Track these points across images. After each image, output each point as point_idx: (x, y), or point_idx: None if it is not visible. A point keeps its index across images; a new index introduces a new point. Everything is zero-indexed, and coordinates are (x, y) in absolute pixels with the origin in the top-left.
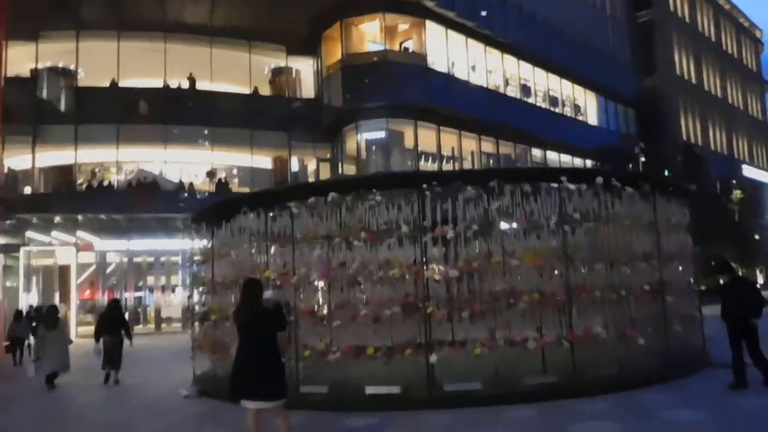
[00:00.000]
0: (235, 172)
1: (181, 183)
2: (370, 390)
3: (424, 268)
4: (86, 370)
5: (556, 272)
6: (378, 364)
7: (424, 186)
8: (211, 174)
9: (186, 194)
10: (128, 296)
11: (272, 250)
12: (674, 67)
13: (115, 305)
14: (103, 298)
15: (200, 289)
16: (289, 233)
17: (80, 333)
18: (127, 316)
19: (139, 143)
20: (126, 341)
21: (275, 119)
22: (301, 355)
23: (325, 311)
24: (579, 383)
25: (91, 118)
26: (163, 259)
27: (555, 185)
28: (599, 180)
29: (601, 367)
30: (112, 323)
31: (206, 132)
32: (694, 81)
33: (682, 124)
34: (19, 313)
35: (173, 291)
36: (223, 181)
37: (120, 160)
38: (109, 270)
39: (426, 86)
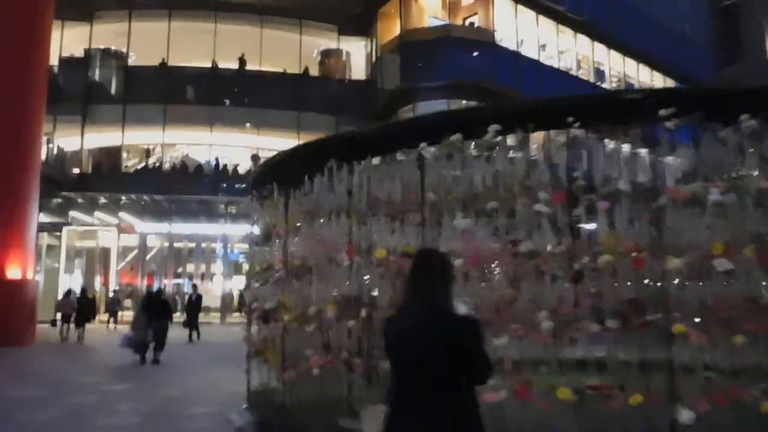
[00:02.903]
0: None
1: (225, 167)
2: None
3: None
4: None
5: None
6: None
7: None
8: (255, 158)
9: (229, 178)
10: (167, 283)
11: (379, 218)
12: (764, 56)
13: (160, 292)
14: (142, 284)
15: (260, 276)
16: (413, 193)
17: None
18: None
19: (186, 125)
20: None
21: (324, 102)
22: None
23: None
24: None
25: (139, 98)
26: (204, 245)
27: None
28: None
29: None
30: (161, 308)
31: (253, 114)
32: None
33: None
34: (68, 291)
35: (212, 279)
36: None
37: (166, 142)
38: (149, 255)
39: (492, 65)
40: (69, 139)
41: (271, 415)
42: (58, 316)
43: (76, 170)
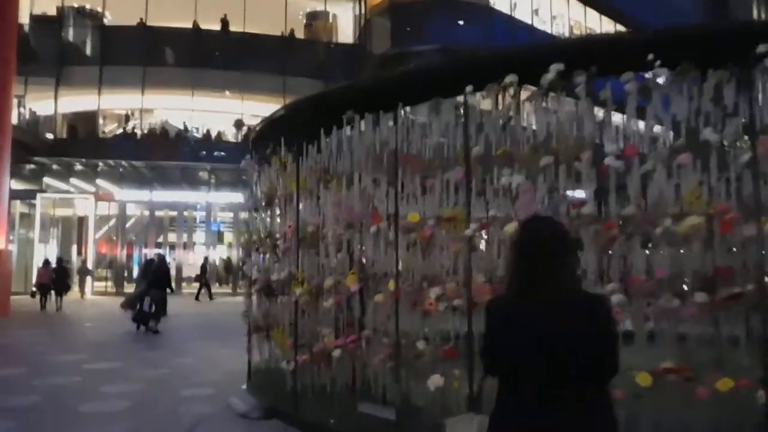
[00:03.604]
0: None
1: (208, 133)
2: None
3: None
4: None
5: None
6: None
7: None
8: (238, 124)
9: (211, 145)
10: (148, 253)
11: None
12: None
13: (163, 261)
14: (121, 253)
15: (262, 245)
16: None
17: (97, 289)
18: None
19: (166, 89)
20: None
21: (310, 66)
22: None
23: None
24: None
25: (116, 59)
26: (186, 213)
27: None
28: None
29: None
30: (160, 278)
31: (236, 78)
32: None
33: None
34: (46, 261)
35: (193, 249)
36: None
37: (145, 106)
38: (129, 224)
39: (486, 29)
40: (42, 103)
41: (279, 399)
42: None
43: (50, 135)
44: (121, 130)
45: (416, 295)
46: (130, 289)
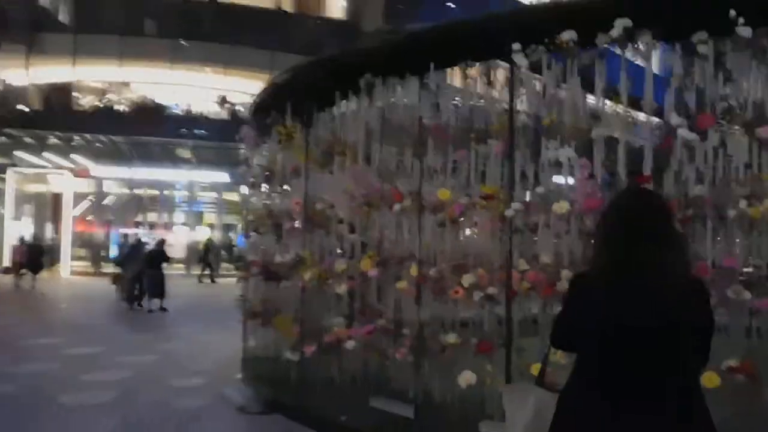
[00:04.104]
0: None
1: (190, 109)
2: None
3: None
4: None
5: None
6: None
7: None
8: (222, 100)
9: (193, 121)
10: (127, 232)
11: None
12: None
13: (162, 243)
14: (99, 232)
15: (261, 225)
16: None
17: (74, 269)
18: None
19: (145, 60)
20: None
21: (299, 41)
22: None
23: None
24: None
25: (92, 27)
26: (166, 192)
27: None
28: None
29: None
30: (157, 260)
31: (221, 52)
32: None
33: None
34: (21, 239)
35: (174, 229)
36: (237, 109)
37: (123, 79)
38: (107, 201)
39: (486, 5)
40: (12, 72)
41: (282, 392)
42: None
43: (22, 107)
44: (97, 104)
45: (442, 281)
46: (108, 269)
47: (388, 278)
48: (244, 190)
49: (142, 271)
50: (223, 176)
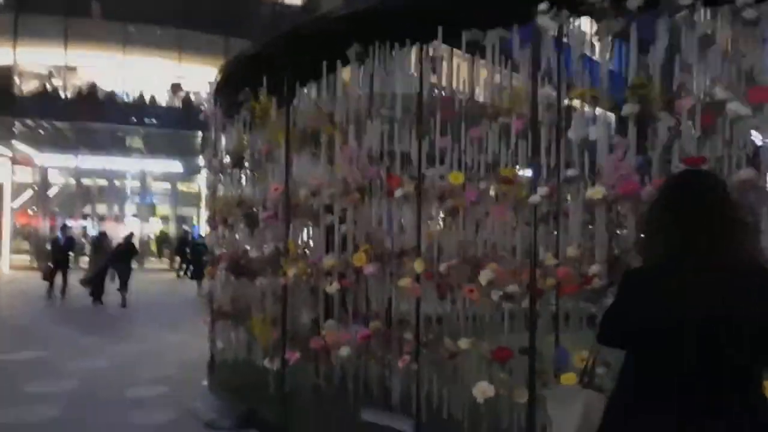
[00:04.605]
0: (206, 88)
1: (141, 95)
2: None
3: None
4: None
5: None
6: None
7: None
8: (175, 87)
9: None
10: (74, 224)
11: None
12: None
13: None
14: (44, 225)
15: (230, 214)
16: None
17: (14, 263)
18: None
19: (92, 43)
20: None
21: (255, 26)
22: None
23: None
24: None
25: (33, 7)
26: (116, 182)
27: None
28: None
29: None
30: (126, 254)
31: (172, 36)
32: None
33: None
34: None
35: (124, 221)
36: (191, 97)
37: (68, 63)
38: (51, 192)
39: None
40: None
41: (258, 403)
42: None
43: None
44: (40, 88)
45: (449, 278)
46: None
47: (385, 275)
48: (208, 176)
49: (107, 266)
50: (176, 165)
